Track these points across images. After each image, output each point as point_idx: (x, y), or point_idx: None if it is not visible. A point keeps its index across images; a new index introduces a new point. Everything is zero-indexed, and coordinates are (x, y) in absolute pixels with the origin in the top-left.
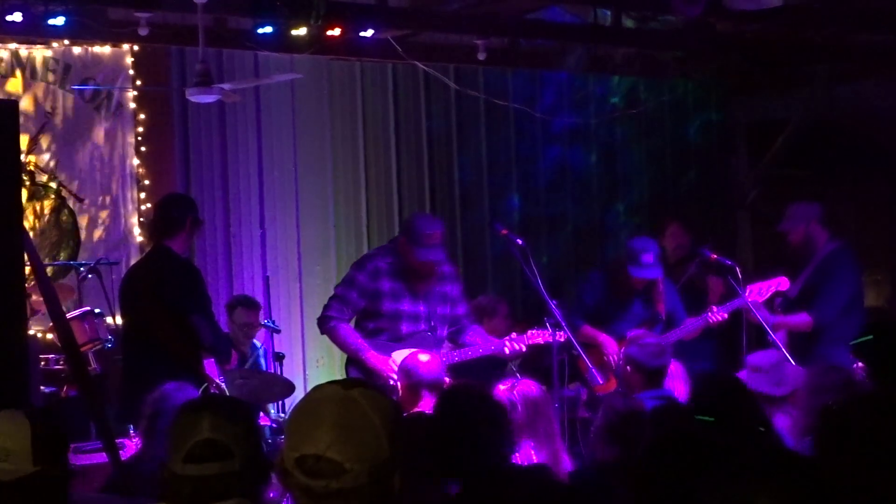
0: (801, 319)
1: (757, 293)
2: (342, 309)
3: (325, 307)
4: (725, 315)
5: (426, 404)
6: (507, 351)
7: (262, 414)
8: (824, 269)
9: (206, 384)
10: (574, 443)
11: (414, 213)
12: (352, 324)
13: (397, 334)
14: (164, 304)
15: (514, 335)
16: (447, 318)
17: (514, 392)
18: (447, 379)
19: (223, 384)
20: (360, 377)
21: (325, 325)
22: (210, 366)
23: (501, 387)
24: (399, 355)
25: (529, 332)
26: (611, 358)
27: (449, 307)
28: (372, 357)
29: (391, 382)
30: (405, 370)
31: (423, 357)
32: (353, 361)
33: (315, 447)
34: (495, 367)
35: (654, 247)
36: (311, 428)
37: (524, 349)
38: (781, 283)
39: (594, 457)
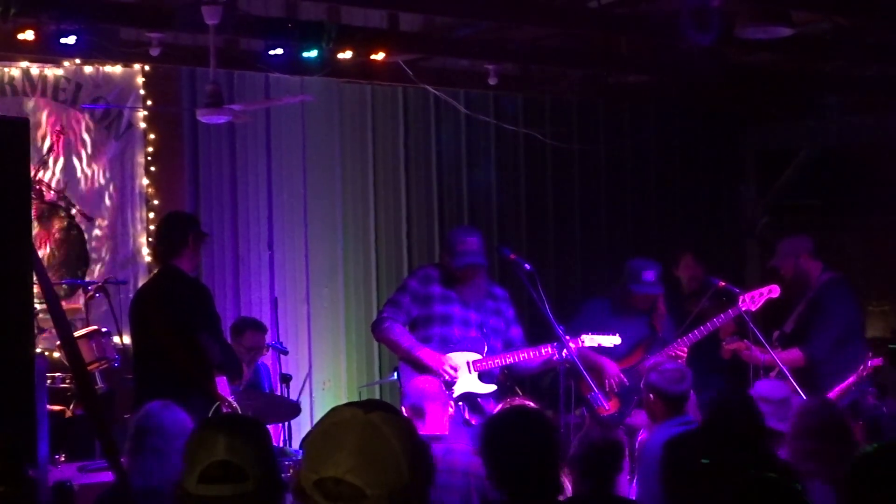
0: (793, 356)
1: (750, 301)
2: (395, 311)
3: (379, 312)
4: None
5: (428, 424)
6: (564, 353)
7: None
8: (816, 304)
9: (217, 403)
10: None
11: (454, 227)
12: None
13: (450, 338)
14: (174, 323)
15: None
16: (500, 333)
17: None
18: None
19: (235, 402)
20: (411, 371)
21: (378, 326)
22: (222, 384)
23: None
24: (454, 357)
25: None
26: (611, 380)
27: (504, 324)
28: (425, 354)
29: (446, 377)
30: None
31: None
32: (405, 361)
33: (335, 471)
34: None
35: (655, 265)
36: (332, 451)
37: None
38: (773, 290)
39: (572, 485)
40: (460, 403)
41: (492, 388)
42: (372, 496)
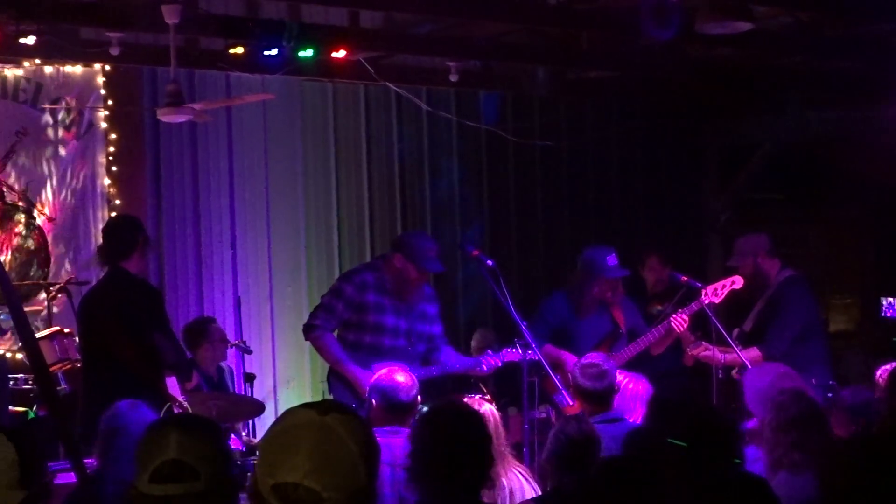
0: (752, 354)
1: (713, 294)
2: (328, 318)
3: (312, 315)
4: (686, 319)
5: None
6: (484, 368)
7: (232, 436)
8: (775, 302)
9: (168, 403)
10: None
11: (406, 233)
12: (335, 334)
13: (379, 347)
14: (125, 324)
15: (489, 353)
16: (424, 336)
17: None
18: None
19: (185, 402)
20: (341, 387)
21: (310, 332)
22: (172, 384)
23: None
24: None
25: (504, 350)
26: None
27: (427, 326)
28: (353, 370)
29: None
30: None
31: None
32: (334, 371)
33: (292, 475)
34: (462, 385)
35: (611, 249)
36: (288, 455)
37: (500, 364)
38: (735, 282)
39: (546, 483)
40: None
41: None
42: (329, 499)
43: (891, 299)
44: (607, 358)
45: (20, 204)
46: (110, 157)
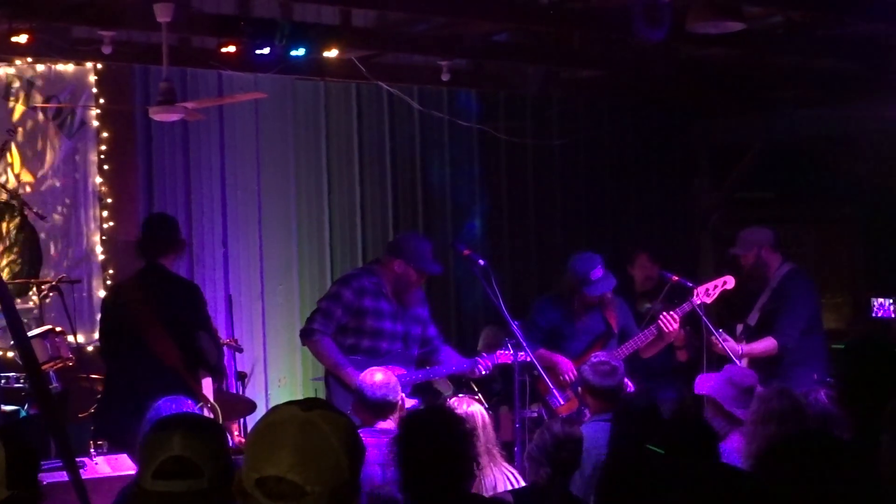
0: (767, 345)
1: (704, 294)
2: (326, 323)
3: (310, 319)
4: (677, 320)
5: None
6: (481, 370)
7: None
8: (781, 293)
9: (201, 404)
10: None
11: (402, 236)
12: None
13: (376, 351)
14: (166, 321)
15: (484, 354)
16: (418, 339)
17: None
18: (402, 397)
19: (216, 405)
20: (340, 390)
21: (308, 336)
22: (206, 385)
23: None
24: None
25: (498, 352)
26: (567, 376)
27: (420, 329)
28: (352, 374)
29: None
30: (358, 388)
31: (378, 376)
32: (333, 374)
33: (276, 469)
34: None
35: (599, 259)
36: (272, 450)
37: (492, 366)
38: (727, 282)
39: (528, 477)
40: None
41: (413, 401)
42: (312, 493)
43: (881, 300)
44: (615, 356)
45: (12, 203)
46: (102, 156)
